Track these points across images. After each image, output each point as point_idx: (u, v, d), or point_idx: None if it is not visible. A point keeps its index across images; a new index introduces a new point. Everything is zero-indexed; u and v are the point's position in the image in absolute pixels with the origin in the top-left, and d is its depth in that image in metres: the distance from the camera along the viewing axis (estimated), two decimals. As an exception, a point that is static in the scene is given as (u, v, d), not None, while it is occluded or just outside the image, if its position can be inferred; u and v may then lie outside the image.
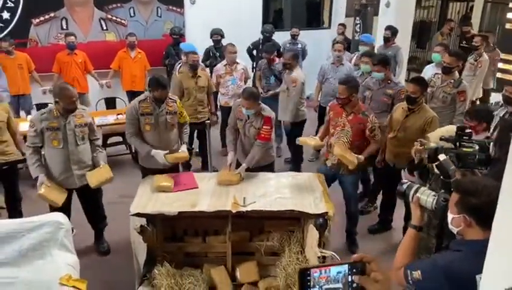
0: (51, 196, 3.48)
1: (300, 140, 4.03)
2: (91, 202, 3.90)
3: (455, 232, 1.80)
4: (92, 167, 3.72)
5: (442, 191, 2.00)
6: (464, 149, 2.26)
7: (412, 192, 2.06)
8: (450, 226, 1.80)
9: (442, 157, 2.13)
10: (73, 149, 3.60)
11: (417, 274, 1.76)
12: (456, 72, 4.56)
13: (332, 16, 9.00)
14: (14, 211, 4.22)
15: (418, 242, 2.03)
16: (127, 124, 3.81)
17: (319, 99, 5.86)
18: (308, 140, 4.00)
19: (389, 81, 4.51)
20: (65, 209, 3.56)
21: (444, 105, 4.44)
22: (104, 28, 7.22)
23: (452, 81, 4.44)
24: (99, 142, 3.91)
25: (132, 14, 7.34)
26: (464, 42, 8.15)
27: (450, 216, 1.79)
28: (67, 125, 3.56)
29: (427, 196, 2.00)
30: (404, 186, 2.11)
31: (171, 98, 3.92)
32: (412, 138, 3.59)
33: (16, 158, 4.07)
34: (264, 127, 3.81)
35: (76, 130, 3.59)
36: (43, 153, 3.67)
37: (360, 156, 3.65)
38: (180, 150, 3.90)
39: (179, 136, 4.06)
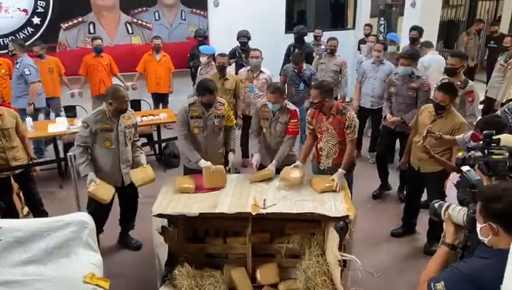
0: (100, 193, 3.58)
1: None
2: (130, 200, 4.04)
3: (486, 243, 1.72)
4: (132, 167, 3.84)
5: (472, 203, 1.92)
6: (494, 156, 2.16)
7: (443, 209, 1.99)
8: (480, 237, 1.73)
9: (465, 168, 2.06)
10: (122, 149, 3.76)
11: (440, 285, 1.70)
12: (462, 73, 4.38)
13: (356, 16, 8.91)
14: (38, 212, 4.35)
15: (450, 260, 1.93)
16: (179, 127, 3.83)
17: (359, 99, 5.83)
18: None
19: (412, 75, 4.64)
20: (107, 206, 3.73)
21: (455, 108, 4.30)
22: (130, 31, 7.38)
23: (459, 82, 4.26)
24: (139, 143, 4.02)
25: (157, 18, 7.47)
26: (492, 42, 7.90)
27: (478, 227, 1.72)
28: (118, 126, 3.71)
29: (457, 212, 1.93)
30: (436, 205, 2.05)
31: (219, 102, 3.93)
32: (439, 143, 3.51)
33: (27, 162, 4.16)
34: (291, 120, 3.86)
35: (126, 131, 3.75)
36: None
37: (340, 170, 3.58)
38: (229, 160, 3.97)
39: (226, 141, 4.06)
